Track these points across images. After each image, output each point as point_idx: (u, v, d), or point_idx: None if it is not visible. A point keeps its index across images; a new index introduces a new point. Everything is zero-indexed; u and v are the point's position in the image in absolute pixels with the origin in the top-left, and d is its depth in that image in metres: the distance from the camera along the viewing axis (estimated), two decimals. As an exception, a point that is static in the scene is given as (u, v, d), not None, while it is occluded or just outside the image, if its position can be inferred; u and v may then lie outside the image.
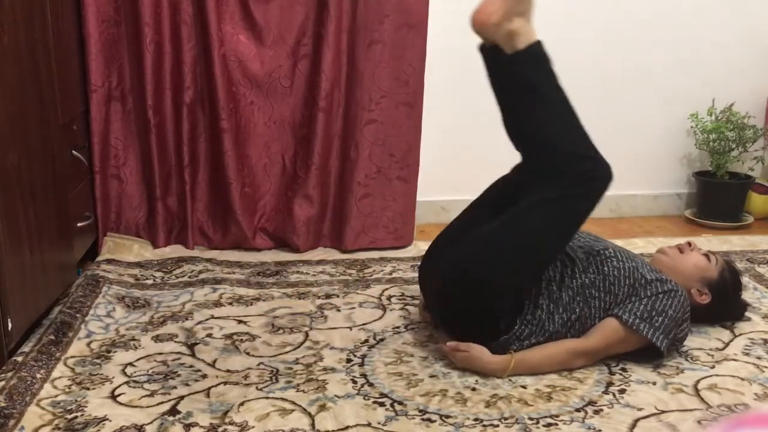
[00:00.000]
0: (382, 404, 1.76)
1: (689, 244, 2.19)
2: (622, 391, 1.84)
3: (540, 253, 1.91)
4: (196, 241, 2.90)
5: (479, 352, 1.90)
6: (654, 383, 1.88)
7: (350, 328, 2.20)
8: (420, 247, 2.95)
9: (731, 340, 2.14)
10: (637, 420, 1.71)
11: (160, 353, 2.02)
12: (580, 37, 3.25)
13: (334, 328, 2.19)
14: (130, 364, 1.95)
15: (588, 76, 3.22)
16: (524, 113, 1.91)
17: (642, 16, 3.27)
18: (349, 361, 1.99)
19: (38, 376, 1.85)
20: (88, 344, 2.05)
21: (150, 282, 2.54)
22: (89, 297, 2.34)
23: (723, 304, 2.16)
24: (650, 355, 1.95)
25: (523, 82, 1.89)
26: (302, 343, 2.09)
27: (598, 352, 1.95)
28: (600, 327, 1.94)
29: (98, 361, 1.96)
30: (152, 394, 1.80)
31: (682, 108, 3.40)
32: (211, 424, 1.67)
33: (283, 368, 1.94)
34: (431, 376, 1.90)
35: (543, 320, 1.93)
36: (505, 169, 3.33)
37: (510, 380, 1.88)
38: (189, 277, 2.59)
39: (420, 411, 1.74)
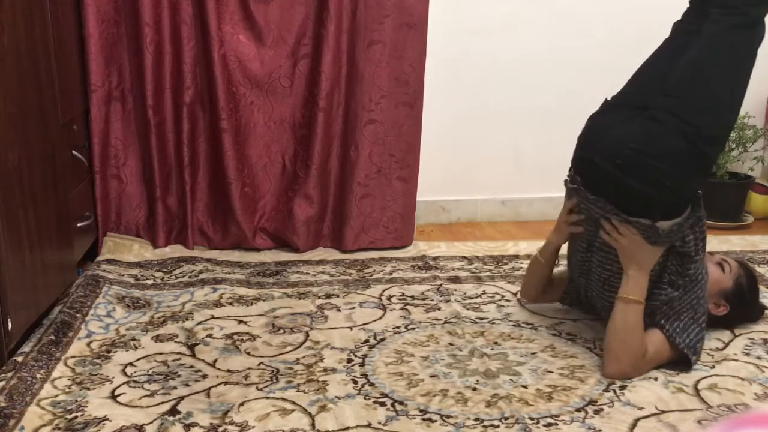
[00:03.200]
0: (382, 404, 1.76)
1: None
2: (623, 387, 1.84)
3: (740, 81, 1.94)
4: (196, 241, 2.90)
5: (643, 242, 1.89)
6: (655, 379, 1.89)
7: (350, 328, 2.20)
8: (420, 247, 2.96)
9: (731, 340, 2.14)
10: (637, 420, 1.71)
11: (161, 353, 2.02)
12: (582, 37, 3.25)
13: (335, 328, 2.19)
14: (130, 364, 1.95)
15: (590, 77, 3.21)
16: None
17: (643, 16, 3.27)
18: (349, 361, 1.99)
19: (38, 376, 1.84)
20: (88, 344, 2.05)
21: (150, 282, 2.54)
22: (89, 297, 2.34)
23: (741, 310, 2.15)
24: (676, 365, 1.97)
25: None
26: (303, 343, 2.09)
27: (652, 361, 1.94)
28: (651, 339, 1.94)
29: (98, 361, 1.96)
30: (152, 394, 1.80)
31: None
32: (211, 424, 1.67)
33: (283, 368, 1.94)
34: (432, 376, 1.90)
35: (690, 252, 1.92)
36: (504, 169, 3.36)
37: (511, 380, 1.88)
38: (189, 277, 2.59)
39: (421, 411, 1.74)
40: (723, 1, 1.90)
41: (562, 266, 2.32)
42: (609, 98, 2.05)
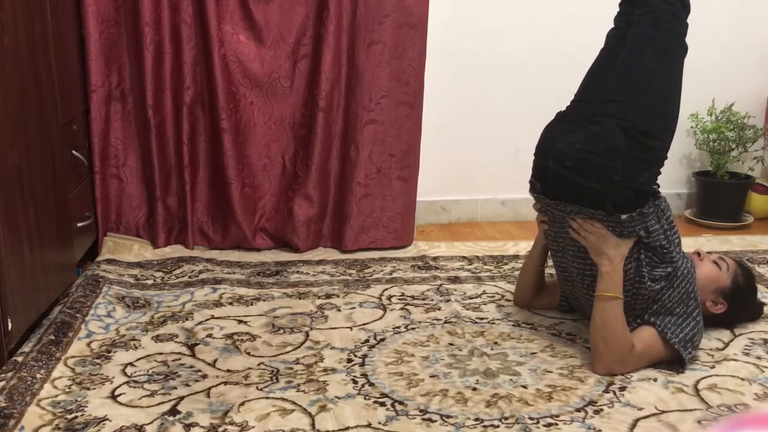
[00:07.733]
0: (382, 404, 1.76)
1: (698, 254, 2.15)
2: (623, 389, 1.84)
3: (672, 73, 1.98)
4: (196, 241, 2.90)
5: (610, 235, 1.93)
6: (655, 380, 1.89)
7: (350, 328, 2.20)
8: (420, 247, 2.96)
9: (731, 340, 2.14)
10: (637, 420, 1.71)
11: (161, 353, 2.02)
12: (582, 37, 3.24)
13: (335, 328, 2.19)
14: (130, 364, 1.95)
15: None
16: None
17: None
18: (349, 361, 1.99)
19: (38, 376, 1.84)
20: (88, 344, 2.05)
21: (150, 282, 2.54)
22: (89, 297, 2.34)
23: (739, 308, 2.15)
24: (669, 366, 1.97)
25: None
26: (303, 343, 2.09)
27: (642, 356, 1.94)
28: (641, 336, 1.95)
29: (98, 361, 1.96)
30: (152, 394, 1.80)
31: (682, 108, 3.39)
32: (211, 424, 1.67)
33: (283, 368, 1.94)
34: (432, 376, 1.90)
35: (656, 242, 1.94)
36: (504, 169, 3.35)
37: (510, 380, 1.88)
38: (189, 277, 2.59)
39: (421, 411, 1.74)
40: (641, 1, 2.00)
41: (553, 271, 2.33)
42: (562, 110, 2.14)
